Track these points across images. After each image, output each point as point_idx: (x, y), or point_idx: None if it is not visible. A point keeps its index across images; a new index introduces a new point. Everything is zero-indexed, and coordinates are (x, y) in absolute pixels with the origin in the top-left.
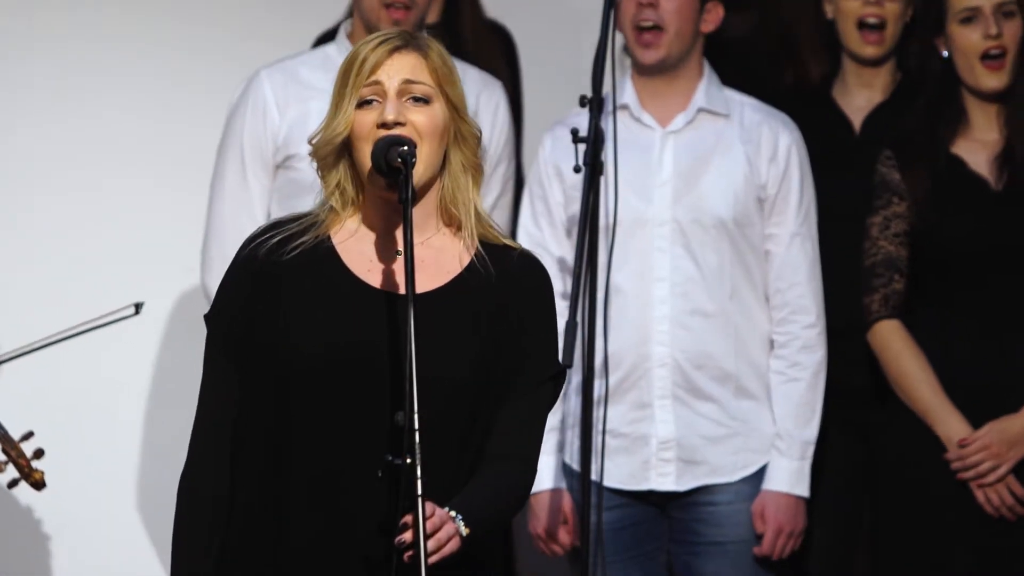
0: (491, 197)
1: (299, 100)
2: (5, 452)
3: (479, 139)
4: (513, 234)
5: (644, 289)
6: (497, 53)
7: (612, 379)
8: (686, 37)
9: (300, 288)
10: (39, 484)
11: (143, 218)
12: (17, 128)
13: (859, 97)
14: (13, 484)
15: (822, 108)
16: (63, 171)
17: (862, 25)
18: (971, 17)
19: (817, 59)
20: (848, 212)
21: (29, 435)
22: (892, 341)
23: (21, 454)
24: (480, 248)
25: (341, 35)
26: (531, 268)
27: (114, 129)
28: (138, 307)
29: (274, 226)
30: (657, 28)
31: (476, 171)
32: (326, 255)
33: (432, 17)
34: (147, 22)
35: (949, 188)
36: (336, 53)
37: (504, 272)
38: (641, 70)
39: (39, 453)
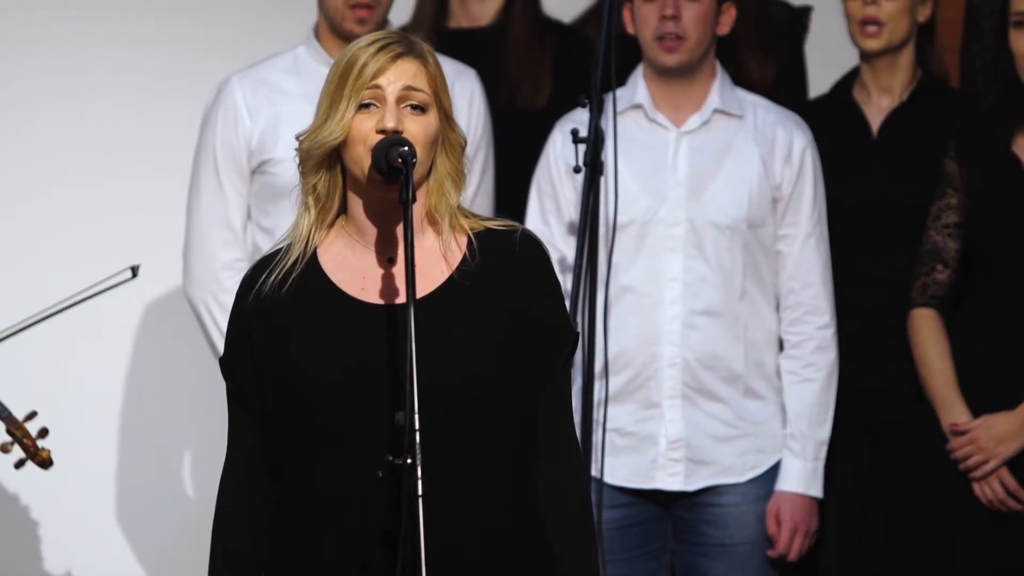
0: (472, 185)
1: (270, 104)
2: (10, 433)
3: (464, 147)
4: None
5: (656, 289)
6: (549, 52)
7: (620, 378)
8: (705, 43)
9: (299, 320)
10: (46, 463)
11: (141, 215)
12: (15, 125)
13: (879, 99)
14: (20, 464)
15: (842, 109)
16: (62, 167)
17: (862, 23)
18: (1021, 21)
19: (757, 59)
20: (860, 214)
21: (33, 415)
22: (920, 329)
23: (26, 434)
24: (469, 241)
25: (310, 36)
26: (526, 242)
27: (113, 128)
28: (135, 270)
29: (264, 263)
30: (678, 38)
31: (459, 178)
32: (317, 280)
33: (487, 19)
34: (148, 22)
35: (1001, 185)
36: (306, 54)
37: (503, 257)
38: (658, 72)
39: (44, 432)
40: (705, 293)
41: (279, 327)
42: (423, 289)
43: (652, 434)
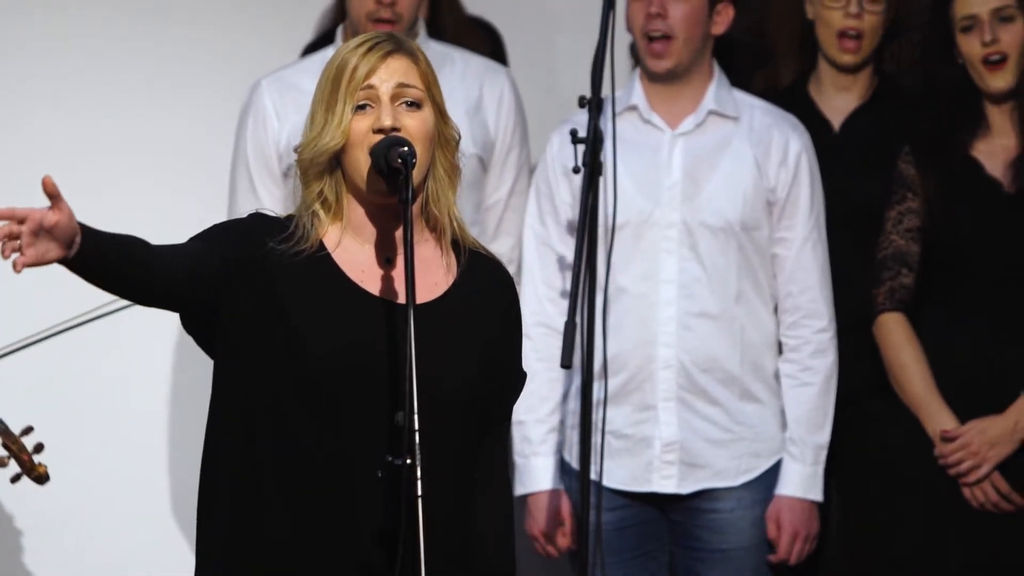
0: (507, 185)
1: (298, 108)
2: (6, 447)
3: (458, 142)
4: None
5: (650, 291)
6: (481, 49)
7: (616, 380)
8: (695, 42)
9: (303, 293)
10: (42, 478)
11: (141, 215)
12: (15, 126)
13: (837, 99)
14: (16, 479)
15: (800, 107)
16: (62, 168)
17: (842, 34)
18: (970, 25)
19: (790, 66)
20: (829, 212)
21: (29, 430)
22: (892, 333)
23: (23, 448)
24: (464, 255)
25: (338, 39)
26: (508, 279)
27: (111, 129)
28: None
29: (276, 225)
30: (666, 37)
31: (455, 173)
32: (324, 263)
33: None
34: (146, 23)
35: (962, 189)
36: None
37: (490, 282)
38: (652, 76)
39: (39, 447)
40: (699, 295)
41: (280, 293)
42: (420, 296)
43: (647, 436)
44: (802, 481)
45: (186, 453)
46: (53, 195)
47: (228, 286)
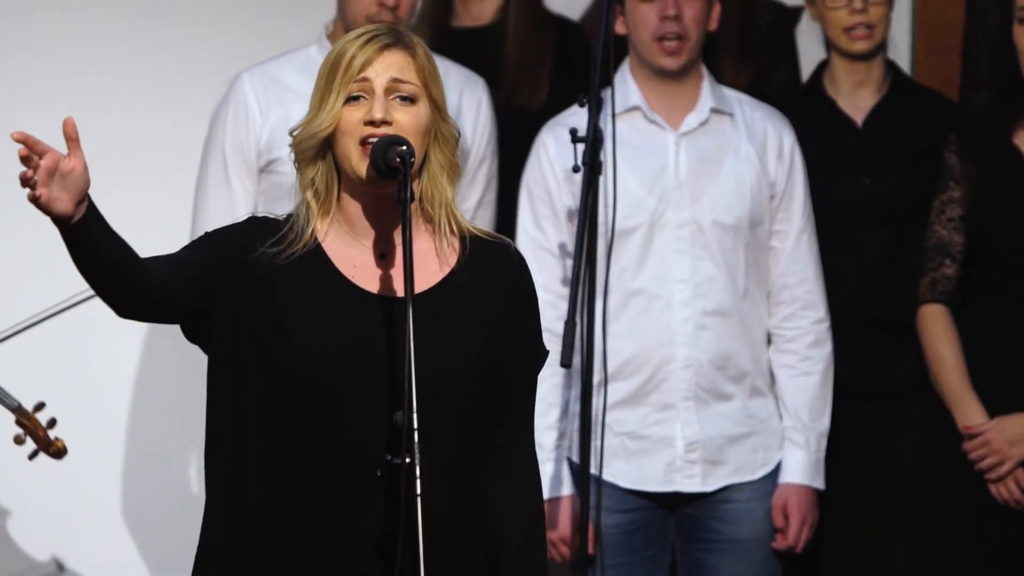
0: (476, 195)
1: (280, 103)
2: (22, 424)
3: (458, 139)
4: (510, 234)
5: (665, 291)
6: (548, 50)
7: (633, 382)
8: (701, 40)
9: (296, 291)
10: (60, 453)
11: (140, 215)
12: (15, 126)
13: (855, 96)
14: (33, 455)
15: (821, 107)
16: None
17: (851, 28)
18: None
19: (733, 63)
20: (852, 210)
21: (41, 406)
22: (932, 325)
23: (38, 425)
24: (464, 244)
25: (322, 36)
26: (514, 257)
27: (111, 129)
28: None
29: (269, 226)
30: (680, 38)
31: (453, 171)
32: (317, 259)
33: (488, 17)
34: (146, 23)
35: (999, 180)
36: (317, 54)
37: (494, 264)
38: (656, 73)
39: (52, 422)
40: (713, 293)
41: (274, 294)
42: (416, 287)
43: (667, 436)
44: (808, 469)
45: (195, 430)
46: (72, 138)
47: (220, 290)
